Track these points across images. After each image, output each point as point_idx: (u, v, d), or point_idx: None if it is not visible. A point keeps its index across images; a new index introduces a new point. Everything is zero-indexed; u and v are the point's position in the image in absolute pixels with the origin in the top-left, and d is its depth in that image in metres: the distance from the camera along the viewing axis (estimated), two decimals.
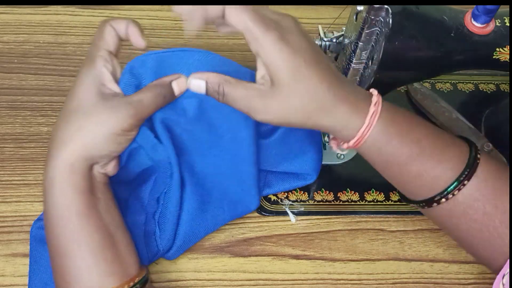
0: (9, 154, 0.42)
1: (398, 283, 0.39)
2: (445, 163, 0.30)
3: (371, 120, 0.29)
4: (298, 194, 0.42)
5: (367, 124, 0.29)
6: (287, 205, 0.41)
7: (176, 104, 0.32)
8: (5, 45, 0.49)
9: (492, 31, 0.34)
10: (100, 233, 0.29)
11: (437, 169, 0.30)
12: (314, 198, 0.42)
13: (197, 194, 0.36)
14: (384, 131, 0.29)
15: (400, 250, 0.40)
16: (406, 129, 0.30)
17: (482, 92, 0.49)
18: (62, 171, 0.28)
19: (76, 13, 0.52)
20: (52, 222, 0.29)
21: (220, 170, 0.37)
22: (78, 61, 0.49)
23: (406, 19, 0.32)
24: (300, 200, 0.42)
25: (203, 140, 0.36)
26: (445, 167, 0.30)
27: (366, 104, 0.29)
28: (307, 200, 0.42)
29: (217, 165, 0.37)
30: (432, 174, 0.30)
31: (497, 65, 0.36)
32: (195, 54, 0.33)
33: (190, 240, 0.37)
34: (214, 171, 0.37)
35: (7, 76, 0.47)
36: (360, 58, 0.34)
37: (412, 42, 0.33)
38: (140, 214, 0.36)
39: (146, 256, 0.35)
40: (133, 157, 0.34)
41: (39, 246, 0.36)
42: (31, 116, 0.45)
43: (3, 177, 0.41)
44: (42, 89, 0.46)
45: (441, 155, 0.30)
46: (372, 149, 0.30)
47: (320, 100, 0.28)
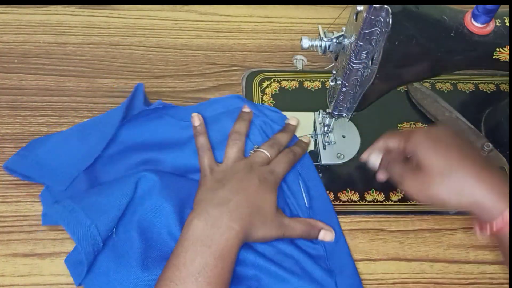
0: (9, 154, 0.42)
1: (398, 283, 0.39)
2: None
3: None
4: None
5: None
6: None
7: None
8: (5, 45, 0.49)
9: (492, 31, 0.34)
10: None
11: None
12: None
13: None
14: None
15: (400, 250, 0.40)
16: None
17: (482, 92, 0.49)
18: (238, 244, 0.35)
19: (76, 13, 0.52)
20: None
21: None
22: (77, 61, 0.49)
23: (406, 19, 0.32)
24: None
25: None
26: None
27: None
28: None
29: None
30: None
31: (497, 65, 0.36)
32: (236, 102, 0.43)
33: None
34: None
35: (7, 76, 0.47)
36: (360, 58, 0.34)
37: (412, 42, 0.33)
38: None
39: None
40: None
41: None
42: (31, 116, 0.45)
43: (3, 177, 0.41)
44: (42, 89, 0.47)
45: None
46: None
47: (464, 187, 0.33)
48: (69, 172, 0.40)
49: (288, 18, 0.54)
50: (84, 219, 0.35)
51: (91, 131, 0.42)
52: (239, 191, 0.36)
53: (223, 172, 0.38)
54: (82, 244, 0.34)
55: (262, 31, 0.53)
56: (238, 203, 0.35)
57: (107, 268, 0.35)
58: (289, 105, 0.46)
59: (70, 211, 0.35)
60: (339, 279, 0.37)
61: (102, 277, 0.35)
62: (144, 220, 0.37)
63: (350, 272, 0.38)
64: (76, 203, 0.36)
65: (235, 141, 0.40)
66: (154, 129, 0.42)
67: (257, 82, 0.48)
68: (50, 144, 0.41)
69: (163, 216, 0.37)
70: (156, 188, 0.37)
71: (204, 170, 0.39)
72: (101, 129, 0.41)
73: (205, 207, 0.35)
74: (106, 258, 0.36)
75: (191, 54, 0.50)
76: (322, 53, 0.37)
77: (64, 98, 0.46)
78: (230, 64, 0.50)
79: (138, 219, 0.37)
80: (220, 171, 0.38)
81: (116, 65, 0.49)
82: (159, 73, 0.49)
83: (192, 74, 0.49)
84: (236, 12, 0.53)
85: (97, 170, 0.41)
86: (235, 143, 0.40)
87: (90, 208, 0.36)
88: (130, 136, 0.42)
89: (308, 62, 0.50)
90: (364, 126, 0.46)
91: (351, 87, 0.37)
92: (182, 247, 0.33)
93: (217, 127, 0.42)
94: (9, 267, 0.37)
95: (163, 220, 0.37)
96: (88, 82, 0.47)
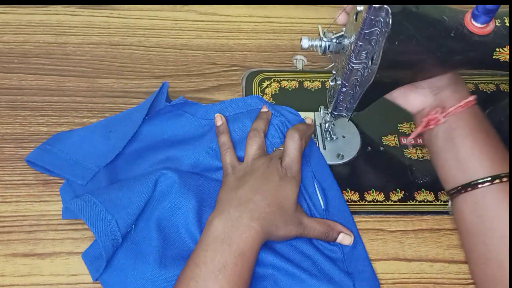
0: (9, 154, 0.43)
1: (398, 283, 0.39)
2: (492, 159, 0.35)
3: (465, 103, 0.36)
4: None
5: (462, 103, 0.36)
6: None
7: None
8: (5, 45, 0.49)
9: (492, 31, 0.34)
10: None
11: (485, 160, 0.35)
12: None
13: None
14: (466, 119, 0.36)
15: (400, 250, 0.40)
16: (479, 127, 0.36)
17: (482, 92, 0.49)
18: (258, 243, 0.35)
19: (76, 13, 0.52)
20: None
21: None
22: (78, 61, 0.49)
23: (406, 19, 0.32)
24: None
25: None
26: (488, 160, 0.35)
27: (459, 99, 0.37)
28: None
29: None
30: (478, 158, 0.35)
31: (497, 65, 0.36)
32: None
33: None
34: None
35: (7, 76, 0.47)
36: (360, 58, 0.34)
37: (412, 42, 0.33)
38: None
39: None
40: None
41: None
42: (31, 116, 0.45)
43: (3, 177, 0.41)
44: (42, 89, 0.47)
45: (494, 154, 0.35)
46: (451, 127, 0.36)
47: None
48: (90, 167, 0.40)
49: (288, 18, 0.54)
50: (105, 213, 0.35)
51: (114, 128, 0.42)
52: (258, 190, 0.36)
53: (243, 169, 0.38)
54: (102, 239, 0.35)
55: (262, 31, 0.53)
56: (258, 202, 0.35)
57: (125, 264, 0.36)
58: (289, 105, 0.46)
59: (91, 205, 0.36)
60: (357, 282, 0.37)
61: (119, 273, 0.36)
62: (163, 219, 0.37)
63: (369, 275, 0.38)
64: (97, 198, 0.36)
65: (254, 138, 0.40)
66: (174, 127, 0.42)
67: (257, 82, 0.48)
68: (73, 139, 0.42)
69: (181, 214, 0.37)
70: (175, 187, 0.37)
71: (226, 169, 0.39)
72: (124, 126, 0.42)
73: (225, 207, 0.35)
74: (124, 255, 0.36)
75: (191, 54, 0.50)
76: (322, 53, 0.38)
77: (64, 98, 0.46)
78: (230, 64, 0.50)
79: (157, 217, 0.37)
80: (241, 169, 0.38)
81: (116, 65, 0.49)
82: (159, 73, 0.49)
83: (192, 74, 0.49)
84: (236, 12, 0.54)
85: (118, 166, 0.41)
86: (254, 140, 0.40)
87: (111, 203, 0.36)
88: (151, 133, 0.42)
89: (308, 62, 0.51)
90: (364, 126, 0.46)
91: (351, 87, 0.37)
92: (203, 245, 0.33)
93: (237, 126, 0.42)
94: (9, 267, 0.37)
95: (182, 219, 0.37)
96: (88, 82, 0.47)
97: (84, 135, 0.42)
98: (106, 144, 0.41)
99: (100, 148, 0.41)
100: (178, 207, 0.37)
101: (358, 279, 0.37)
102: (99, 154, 0.41)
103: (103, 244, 0.35)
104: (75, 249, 0.38)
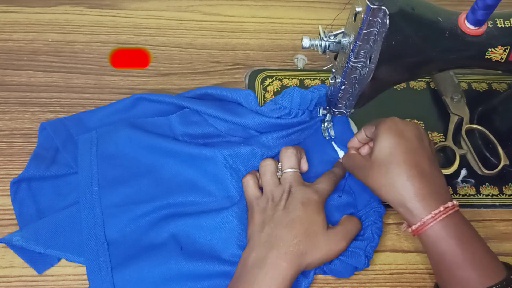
0: (18, 148, 0.44)
1: (395, 273, 0.40)
2: (485, 272, 0.33)
3: (437, 215, 0.33)
4: None
5: (431, 216, 0.33)
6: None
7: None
8: (15, 43, 0.50)
9: (484, 32, 0.36)
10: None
11: (476, 278, 0.32)
12: None
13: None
14: (446, 230, 0.33)
15: (397, 242, 0.42)
16: (468, 240, 0.33)
17: (474, 91, 0.50)
18: (287, 279, 0.34)
19: (84, 13, 0.53)
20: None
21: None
22: (85, 59, 0.50)
23: (402, 20, 0.33)
24: None
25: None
26: (483, 275, 0.33)
27: (438, 203, 0.34)
28: None
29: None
30: (472, 278, 0.32)
31: (489, 64, 0.38)
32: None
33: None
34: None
35: (17, 73, 0.48)
36: (358, 57, 0.35)
37: (408, 42, 0.34)
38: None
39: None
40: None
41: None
42: (40, 112, 0.46)
43: (13, 171, 0.42)
44: (50, 86, 0.48)
45: (484, 268, 0.33)
46: (430, 240, 0.33)
47: (394, 185, 0.34)
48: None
49: (289, 18, 0.55)
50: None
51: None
52: (283, 224, 0.35)
53: (265, 202, 0.37)
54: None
55: (264, 31, 0.54)
56: (284, 237, 0.35)
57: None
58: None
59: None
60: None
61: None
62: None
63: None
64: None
65: (266, 167, 0.38)
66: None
67: (259, 80, 0.49)
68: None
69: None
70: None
71: (250, 202, 0.38)
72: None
73: (253, 246, 0.35)
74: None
75: (195, 53, 0.51)
76: (322, 52, 0.38)
77: (72, 94, 0.47)
78: (234, 63, 0.51)
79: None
80: (263, 201, 0.37)
81: None
82: (165, 71, 0.50)
83: (196, 72, 0.50)
84: (239, 13, 0.55)
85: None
86: (267, 169, 0.38)
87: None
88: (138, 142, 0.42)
89: (309, 61, 0.52)
90: (362, 123, 0.47)
91: (350, 85, 0.38)
92: (233, 286, 0.34)
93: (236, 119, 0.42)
94: (17, 258, 0.38)
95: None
96: (96, 79, 0.49)
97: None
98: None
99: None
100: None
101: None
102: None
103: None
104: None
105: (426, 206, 0.33)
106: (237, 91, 0.44)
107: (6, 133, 0.44)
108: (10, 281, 0.37)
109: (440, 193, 0.34)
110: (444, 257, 0.33)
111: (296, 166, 0.38)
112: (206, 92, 0.45)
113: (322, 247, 0.35)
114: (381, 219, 0.40)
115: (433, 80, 0.50)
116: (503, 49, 0.36)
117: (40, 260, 0.38)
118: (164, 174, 0.41)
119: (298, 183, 0.38)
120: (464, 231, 0.34)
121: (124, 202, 0.39)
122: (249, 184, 0.38)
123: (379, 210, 0.40)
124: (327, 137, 0.45)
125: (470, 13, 0.35)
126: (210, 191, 0.41)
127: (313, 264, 0.35)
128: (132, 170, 0.41)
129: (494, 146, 0.44)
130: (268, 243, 0.35)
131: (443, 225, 0.33)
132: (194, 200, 0.40)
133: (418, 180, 0.34)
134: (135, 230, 0.38)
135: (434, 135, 0.47)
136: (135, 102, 0.45)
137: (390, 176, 0.34)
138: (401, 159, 0.34)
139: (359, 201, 0.41)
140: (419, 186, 0.34)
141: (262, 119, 0.42)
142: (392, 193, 0.34)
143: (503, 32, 0.36)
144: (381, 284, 0.40)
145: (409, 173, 0.34)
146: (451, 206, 0.34)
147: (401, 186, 0.34)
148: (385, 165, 0.35)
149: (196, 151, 0.41)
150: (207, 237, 0.38)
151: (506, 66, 0.38)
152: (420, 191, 0.34)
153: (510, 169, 0.44)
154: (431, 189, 0.34)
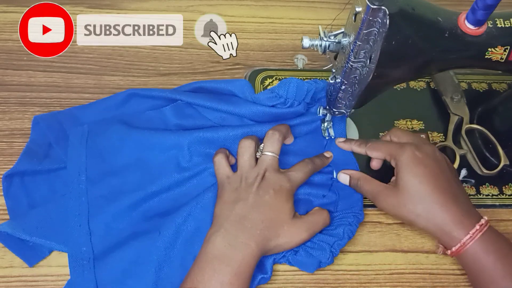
0: (18, 148, 0.43)
1: (395, 273, 0.40)
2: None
3: (474, 234, 0.35)
4: None
5: (469, 236, 0.35)
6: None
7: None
8: (15, 43, 0.50)
9: (484, 32, 0.36)
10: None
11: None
12: None
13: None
14: (483, 247, 0.35)
15: (397, 242, 0.42)
16: (505, 253, 0.35)
17: (474, 91, 0.50)
18: (254, 261, 0.35)
19: (84, 13, 0.53)
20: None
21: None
22: (85, 59, 0.50)
23: (402, 20, 0.33)
24: None
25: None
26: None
27: (473, 222, 0.35)
28: None
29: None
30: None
31: (489, 64, 0.38)
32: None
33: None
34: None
35: (17, 73, 0.48)
36: (358, 57, 0.35)
37: (408, 42, 0.34)
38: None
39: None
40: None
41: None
42: (40, 112, 0.46)
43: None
44: (50, 86, 0.48)
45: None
46: (470, 259, 0.35)
47: (431, 213, 0.36)
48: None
49: (289, 18, 0.55)
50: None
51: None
52: (254, 206, 0.36)
53: (238, 181, 0.37)
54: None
55: (264, 31, 0.54)
56: (253, 220, 0.35)
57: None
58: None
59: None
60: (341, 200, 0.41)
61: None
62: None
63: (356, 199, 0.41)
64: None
65: (246, 147, 0.38)
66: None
67: (259, 80, 0.49)
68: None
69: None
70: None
71: (222, 180, 0.38)
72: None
73: (222, 223, 0.35)
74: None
75: (195, 53, 0.51)
76: (322, 52, 0.38)
77: (72, 94, 0.47)
78: (234, 63, 0.51)
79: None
80: (236, 181, 0.37)
81: (123, 63, 0.50)
82: (165, 71, 0.50)
83: (196, 72, 0.50)
84: (239, 13, 0.55)
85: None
86: (246, 150, 0.38)
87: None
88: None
89: (309, 61, 0.52)
90: (362, 122, 0.47)
91: (350, 85, 0.38)
92: (201, 263, 0.34)
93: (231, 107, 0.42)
94: (17, 258, 0.38)
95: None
96: (96, 79, 0.49)
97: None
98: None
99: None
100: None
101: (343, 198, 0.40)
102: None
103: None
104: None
105: (464, 227, 0.35)
106: (232, 82, 0.44)
107: (6, 133, 0.44)
108: (10, 281, 0.37)
109: (471, 211, 0.36)
110: (484, 273, 0.34)
111: (277, 152, 0.39)
112: (201, 86, 0.45)
113: (285, 235, 0.36)
114: (357, 225, 0.40)
115: (433, 80, 0.50)
116: (503, 49, 0.36)
117: (30, 253, 0.38)
118: (151, 166, 0.41)
119: (274, 169, 0.38)
120: (500, 245, 0.35)
121: (111, 193, 0.39)
122: (221, 163, 0.39)
123: (359, 216, 0.40)
124: (326, 137, 0.45)
125: (470, 13, 0.35)
126: (196, 171, 0.41)
127: (275, 250, 0.36)
128: (120, 163, 0.41)
129: (494, 146, 0.45)
130: (239, 223, 0.35)
131: (481, 242, 0.34)
132: (177, 180, 0.40)
133: (451, 203, 0.35)
134: (120, 221, 0.38)
135: (434, 135, 0.47)
136: (128, 97, 0.45)
137: (425, 206, 0.36)
138: (431, 187, 0.36)
139: (341, 204, 0.41)
140: (455, 210, 0.35)
141: (257, 107, 0.42)
142: (430, 222, 0.36)
143: (503, 32, 0.36)
144: (381, 284, 0.40)
145: (443, 199, 0.36)
146: (485, 223, 0.35)
147: (438, 213, 0.35)
148: (417, 195, 0.36)
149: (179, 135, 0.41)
150: (191, 224, 0.38)
151: (506, 66, 0.38)
152: (456, 214, 0.35)
153: (510, 169, 0.45)
154: (464, 209, 0.36)
